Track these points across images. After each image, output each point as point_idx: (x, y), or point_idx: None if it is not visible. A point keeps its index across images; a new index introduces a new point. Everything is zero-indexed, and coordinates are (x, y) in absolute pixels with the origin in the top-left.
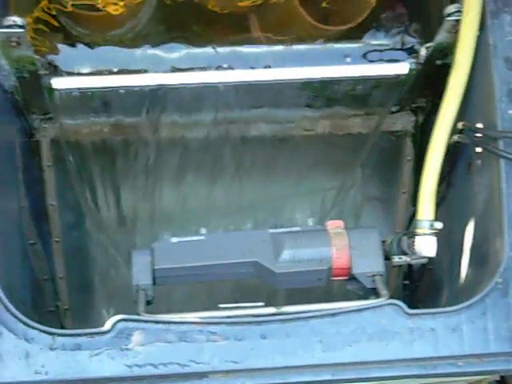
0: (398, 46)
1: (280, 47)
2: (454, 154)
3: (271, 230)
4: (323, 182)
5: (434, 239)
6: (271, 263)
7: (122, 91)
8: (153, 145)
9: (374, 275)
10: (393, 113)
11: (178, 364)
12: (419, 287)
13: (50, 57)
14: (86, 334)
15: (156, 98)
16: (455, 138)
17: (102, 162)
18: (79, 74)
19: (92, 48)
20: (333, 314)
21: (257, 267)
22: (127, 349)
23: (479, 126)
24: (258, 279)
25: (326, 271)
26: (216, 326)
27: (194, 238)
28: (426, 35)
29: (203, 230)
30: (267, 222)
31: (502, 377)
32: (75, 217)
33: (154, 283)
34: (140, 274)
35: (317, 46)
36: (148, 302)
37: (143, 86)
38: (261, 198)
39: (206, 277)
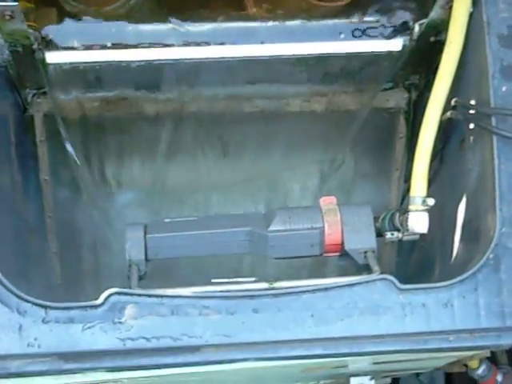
0: (392, 23)
1: (274, 23)
2: (447, 131)
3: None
4: (316, 158)
5: (426, 215)
6: (264, 230)
7: (115, 66)
8: (146, 120)
9: (366, 251)
10: (386, 89)
11: (171, 337)
12: (411, 263)
13: (44, 31)
14: (78, 308)
15: (149, 73)
16: (448, 114)
17: (95, 136)
18: (73, 48)
19: (86, 22)
20: (325, 289)
21: (250, 235)
22: (120, 322)
23: (472, 102)
24: (250, 252)
25: (319, 235)
26: (209, 300)
27: (188, 218)
28: (420, 12)
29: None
30: (262, 197)
31: (492, 353)
32: (68, 192)
33: (147, 258)
34: (133, 248)
35: (311, 23)
36: (140, 277)
37: (137, 61)
38: (254, 173)
39: (198, 249)
